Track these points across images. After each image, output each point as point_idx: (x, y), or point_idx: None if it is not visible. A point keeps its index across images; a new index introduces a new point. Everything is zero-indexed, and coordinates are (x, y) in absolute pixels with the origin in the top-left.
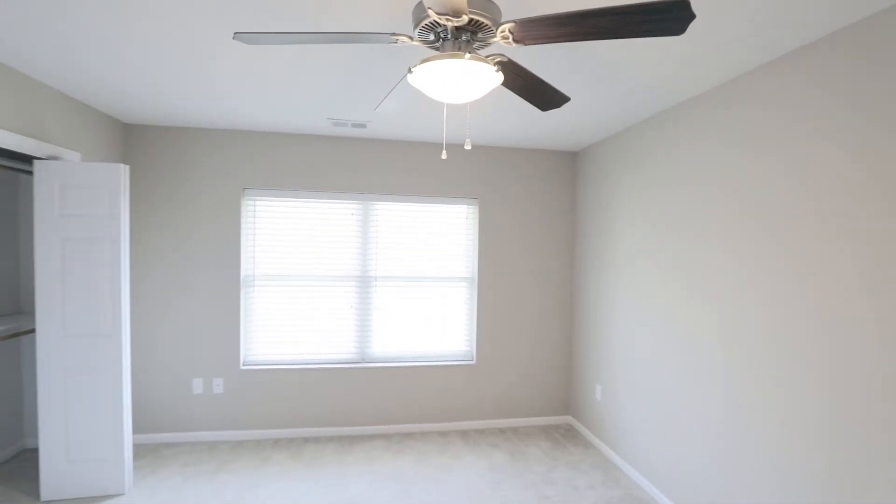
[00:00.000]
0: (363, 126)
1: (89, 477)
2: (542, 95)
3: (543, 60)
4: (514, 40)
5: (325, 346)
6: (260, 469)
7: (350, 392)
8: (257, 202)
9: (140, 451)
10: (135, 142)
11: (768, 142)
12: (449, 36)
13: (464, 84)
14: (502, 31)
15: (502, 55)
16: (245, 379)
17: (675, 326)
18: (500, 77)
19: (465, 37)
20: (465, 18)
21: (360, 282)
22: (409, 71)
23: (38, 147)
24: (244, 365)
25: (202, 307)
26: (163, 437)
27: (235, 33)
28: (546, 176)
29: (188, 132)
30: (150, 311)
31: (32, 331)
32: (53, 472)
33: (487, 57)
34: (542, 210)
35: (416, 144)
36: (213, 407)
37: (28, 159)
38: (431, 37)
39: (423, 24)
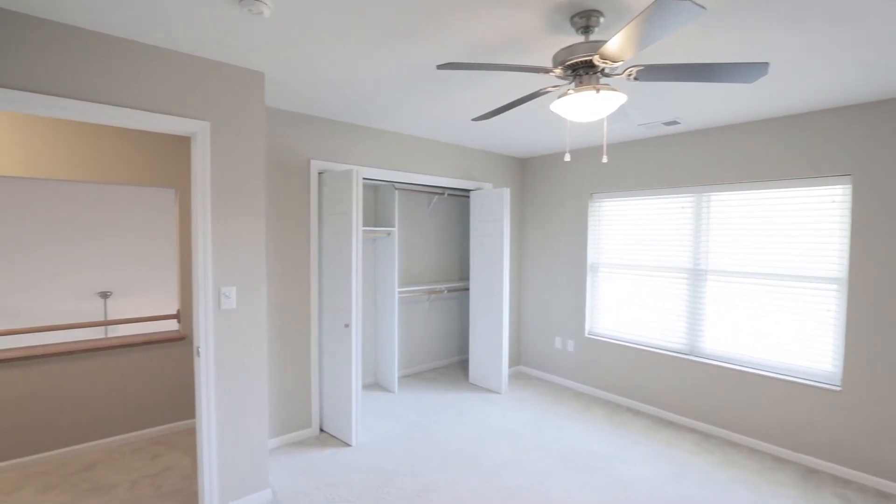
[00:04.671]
0: (676, 123)
1: (486, 377)
2: (722, 73)
3: None
4: (634, 78)
5: (655, 332)
6: (580, 413)
7: (675, 380)
8: (601, 203)
9: (520, 375)
10: (526, 170)
11: None
12: (583, 73)
13: (596, 107)
14: (628, 73)
15: (638, 65)
16: (588, 345)
17: None
18: (624, 97)
19: (596, 73)
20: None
21: (691, 274)
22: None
23: (471, 184)
24: (588, 334)
25: (560, 283)
26: (535, 371)
27: (438, 66)
28: None
29: (553, 157)
30: (530, 283)
31: (467, 288)
32: (473, 369)
33: (627, 69)
34: None
35: (745, 126)
36: (565, 361)
37: (467, 191)
38: (569, 72)
39: (567, 63)
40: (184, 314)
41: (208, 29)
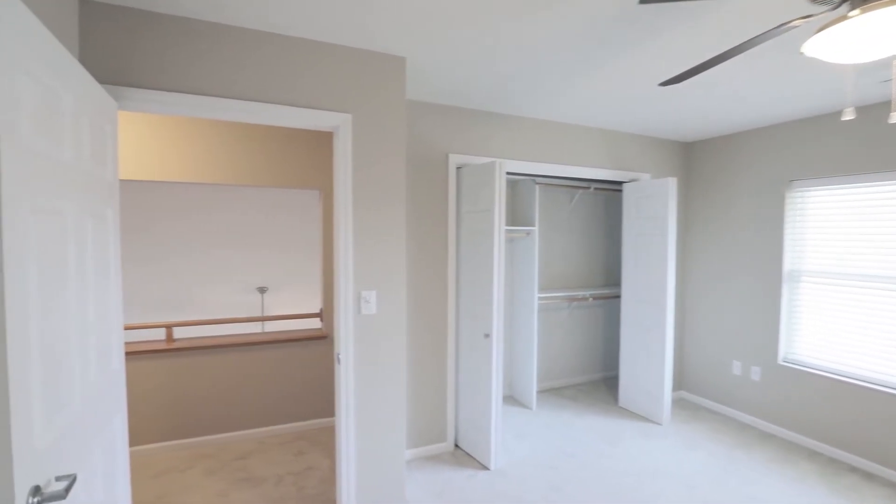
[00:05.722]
0: None
1: (642, 401)
2: None
3: None
4: None
5: (892, 366)
6: (779, 466)
7: None
8: (806, 193)
9: (683, 404)
10: (692, 156)
11: None
12: None
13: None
14: None
15: None
16: (783, 375)
17: None
18: None
19: None
20: None
21: None
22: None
23: (624, 175)
24: (783, 361)
25: (740, 294)
26: (702, 401)
27: (660, 83)
28: None
29: (731, 138)
30: (696, 292)
31: (618, 296)
32: (624, 391)
33: None
34: None
35: None
36: (749, 392)
37: (618, 184)
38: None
39: None
40: (326, 313)
41: (349, 12)
